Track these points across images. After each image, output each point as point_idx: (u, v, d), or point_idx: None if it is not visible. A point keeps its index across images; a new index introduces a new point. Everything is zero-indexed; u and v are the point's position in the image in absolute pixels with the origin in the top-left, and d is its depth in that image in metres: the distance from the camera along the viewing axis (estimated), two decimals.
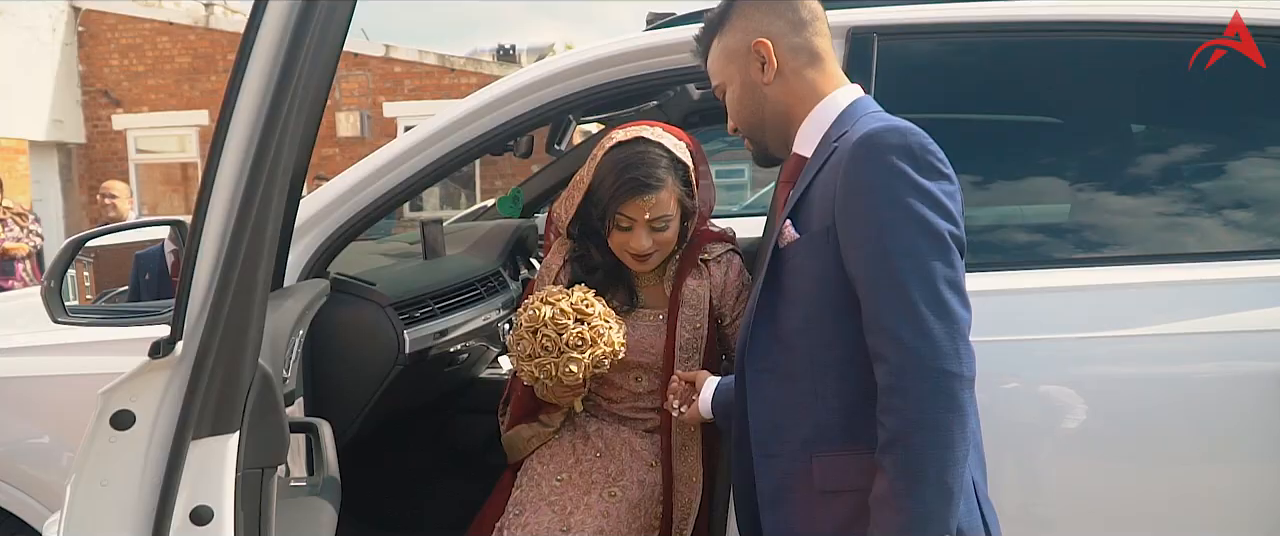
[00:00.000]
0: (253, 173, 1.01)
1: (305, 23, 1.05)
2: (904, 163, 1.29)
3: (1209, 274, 1.80)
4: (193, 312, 1.03)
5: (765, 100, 1.50)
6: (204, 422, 1.03)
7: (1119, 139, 2.00)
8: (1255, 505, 1.74)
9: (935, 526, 1.25)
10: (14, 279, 6.41)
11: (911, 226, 1.28)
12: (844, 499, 1.36)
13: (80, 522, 1.02)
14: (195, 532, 1.05)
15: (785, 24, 1.48)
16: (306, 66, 1.07)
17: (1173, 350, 1.75)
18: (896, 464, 1.26)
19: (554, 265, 2.03)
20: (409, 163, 2.08)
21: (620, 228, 1.89)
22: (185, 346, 1.03)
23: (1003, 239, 1.97)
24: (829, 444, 1.37)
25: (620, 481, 1.95)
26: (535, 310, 1.81)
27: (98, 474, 1.04)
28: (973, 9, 1.97)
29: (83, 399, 1.93)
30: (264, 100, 1.08)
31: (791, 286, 1.41)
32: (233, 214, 1.00)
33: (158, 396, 1.05)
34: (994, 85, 2.01)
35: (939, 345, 1.25)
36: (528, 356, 1.81)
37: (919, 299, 1.26)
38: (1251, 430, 1.72)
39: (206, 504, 1.04)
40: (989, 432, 1.45)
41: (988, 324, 1.43)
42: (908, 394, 1.25)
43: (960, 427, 1.26)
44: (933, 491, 1.25)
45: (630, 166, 1.85)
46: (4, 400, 2.01)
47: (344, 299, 2.10)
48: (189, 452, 1.02)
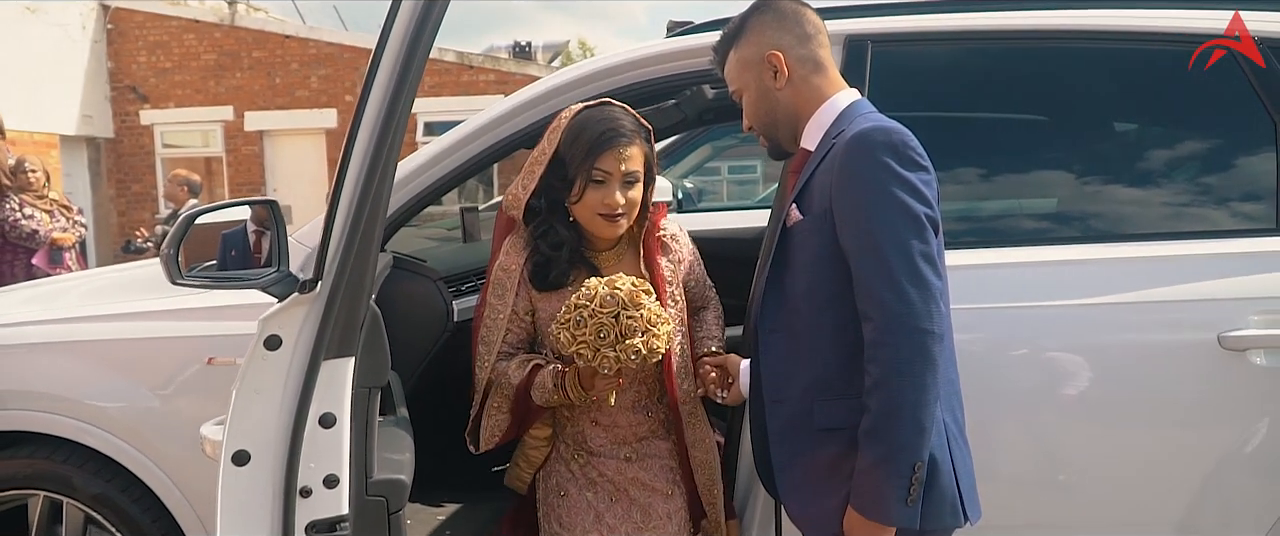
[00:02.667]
0: (375, 152, 1.30)
1: (426, 20, 1.33)
2: (888, 157, 1.55)
3: (1157, 251, 2.07)
4: (329, 260, 1.32)
5: (777, 104, 1.74)
6: (331, 346, 1.33)
7: (1081, 134, 2.28)
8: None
9: (909, 455, 1.52)
10: (61, 267, 6.66)
11: (893, 210, 1.54)
12: (839, 436, 1.62)
13: (241, 422, 1.32)
14: (321, 433, 1.35)
15: (793, 37, 1.73)
16: (422, 58, 1.35)
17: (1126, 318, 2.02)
18: (879, 404, 1.52)
19: (513, 267, 1.97)
20: (455, 154, 2.32)
21: (595, 182, 1.88)
22: (322, 286, 1.33)
23: (984, 221, 2.25)
24: (826, 390, 1.63)
25: (651, 523, 1.98)
26: (609, 292, 1.76)
27: (253, 384, 1.34)
28: (955, 19, 2.24)
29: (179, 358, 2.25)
30: (387, 92, 1.35)
31: (796, 260, 1.66)
32: (360, 185, 1.29)
33: (298, 324, 1.35)
34: (972, 87, 2.28)
35: (915, 307, 1.51)
36: (594, 341, 1.74)
37: (898, 269, 1.52)
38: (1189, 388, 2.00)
39: (331, 411, 1.34)
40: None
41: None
42: (889, 347, 1.51)
43: (932, 375, 1.52)
44: (909, 426, 1.51)
45: (604, 120, 1.90)
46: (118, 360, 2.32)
47: (401, 274, 2.38)
48: (320, 370, 1.32)
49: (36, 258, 6.03)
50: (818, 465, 1.65)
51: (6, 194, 5.70)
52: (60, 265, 6.68)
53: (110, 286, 2.89)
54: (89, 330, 2.39)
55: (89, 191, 13.66)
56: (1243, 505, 2.01)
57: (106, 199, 14.17)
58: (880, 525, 1.54)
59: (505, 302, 1.97)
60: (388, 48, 1.36)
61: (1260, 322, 1.94)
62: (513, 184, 2.00)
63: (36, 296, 3.01)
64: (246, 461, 1.36)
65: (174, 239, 1.75)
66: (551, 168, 1.93)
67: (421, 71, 1.39)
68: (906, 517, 1.53)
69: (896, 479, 1.51)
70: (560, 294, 1.94)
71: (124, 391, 2.31)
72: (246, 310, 2.17)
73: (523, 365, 1.96)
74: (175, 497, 2.30)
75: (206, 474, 2.25)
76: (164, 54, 14.14)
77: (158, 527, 2.35)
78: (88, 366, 2.33)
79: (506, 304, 1.97)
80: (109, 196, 14.26)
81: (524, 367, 1.95)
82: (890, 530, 1.55)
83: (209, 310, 2.26)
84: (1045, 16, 2.21)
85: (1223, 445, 2.00)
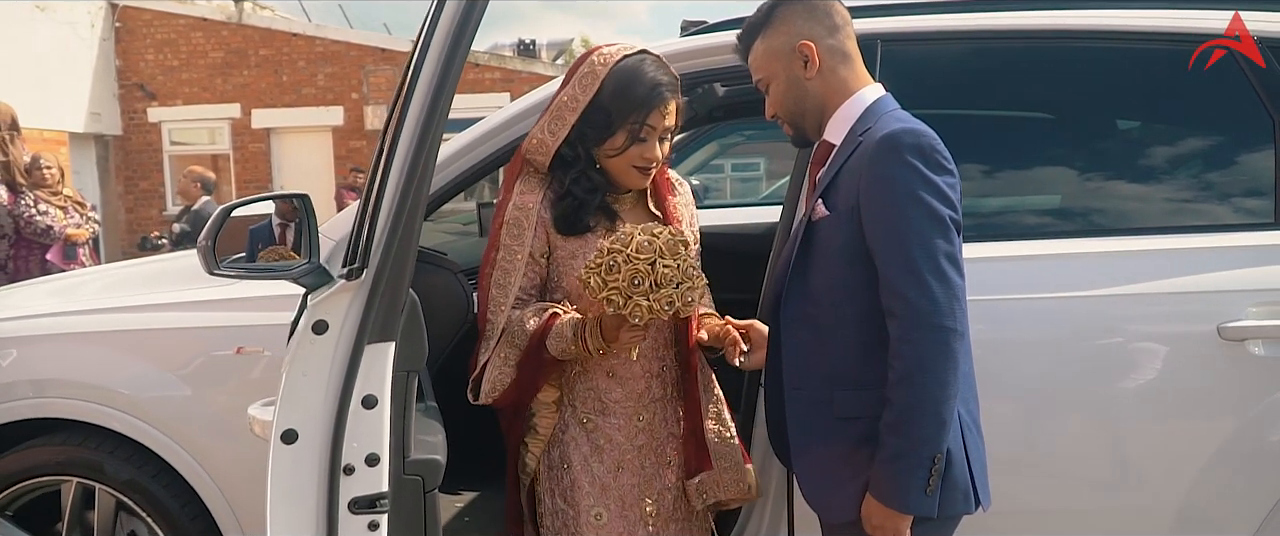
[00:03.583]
0: (418, 147, 1.38)
1: (468, 19, 1.40)
2: (916, 159, 1.60)
3: (1160, 245, 2.13)
4: (373, 249, 1.39)
5: (806, 94, 1.76)
6: (374, 331, 1.41)
7: (1085, 131, 2.34)
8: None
9: (930, 448, 1.58)
10: (76, 262, 6.72)
11: (920, 211, 1.59)
12: (856, 424, 1.68)
13: (290, 403, 1.40)
14: (363, 414, 1.43)
15: (823, 28, 1.74)
16: (463, 56, 1.42)
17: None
18: (903, 399, 1.58)
19: (530, 204, 1.92)
20: (475, 151, 2.37)
21: (640, 139, 1.88)
22: (367, 273, 1.40)
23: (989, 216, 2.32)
24: (846, 380, 1.69)
25: (653, 493, 1.98)
26: (646, 238, 1.72)
27: (301, 366, 1.41)
28: (962, 19, 2.31)
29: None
30: (430, 89, 1.43)
31: (821, 253, 1.71)
32: (404, 177, 1.37)
33: (344, 310, 1.42)
34: (978, 85, 2.35)
35: (939, 305, 1.57)
36: (627, 288, 1.69)
37: (924, 268, 1.57)
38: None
39: (373, 393, 1.42)
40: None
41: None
42: (913, 344, 1.57)
43: (953, 371, 1.58)
44: (930, 419, 1.58)
45: (651, 73, 1.88)
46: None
47: (423, 266, 2.43)
48: (363, 354, 1.40)
49: (51, 253, 6.10)
50: (835, 452, 1.71)
51: (22, 190, 5.77)
52: (74, 261, 6.74)
53: (133, 279, 2.96)
54: (122, 321, 2.47)
55: (97, 188, 13.76)
56: (1243, 487, 2.07)
57: (114, 195, 14.26)
58: (900, 513, 1.61)
59: (522, 243, 1.91)
60: (432, 46, 1.42)
61: (1258, 314, 2.01)
62: (536, 128, 1.93)
63: (61, 289, 3.09)
64: (294, 440, 1.44)
65: (210, 232, 1.82)
66: (586, 115, 1.89)
67: (462, 69, 1.46)
68: (925, 506, 1.60)
69: (918, 470, 1.58)
70: (583, 239, 1.92)
71: (155, 380, 2.38)
72: (272, 301, 2.26)
73: (538, 313, 1.90)
74: (204, 481, 2.38)
75: (234, 459, 2.35)
76: (172, 52, 14.24)
77: (186, 512, 2.42)
78: (121, 356, 2.41)
79: (524, 244, 1.91)
80: (117, 193, 14.35)
81: (540, 315, 1.89)
82: (908, 518, 1.61)
83: (236, 301, 2.34)
84: (1049, 17, 2.28)
85: (1223, 431, 2.06)
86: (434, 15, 1.43)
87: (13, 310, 2.71)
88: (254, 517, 2.37)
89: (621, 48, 1.94)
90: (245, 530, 2.38)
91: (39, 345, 2.48)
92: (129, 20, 14.12)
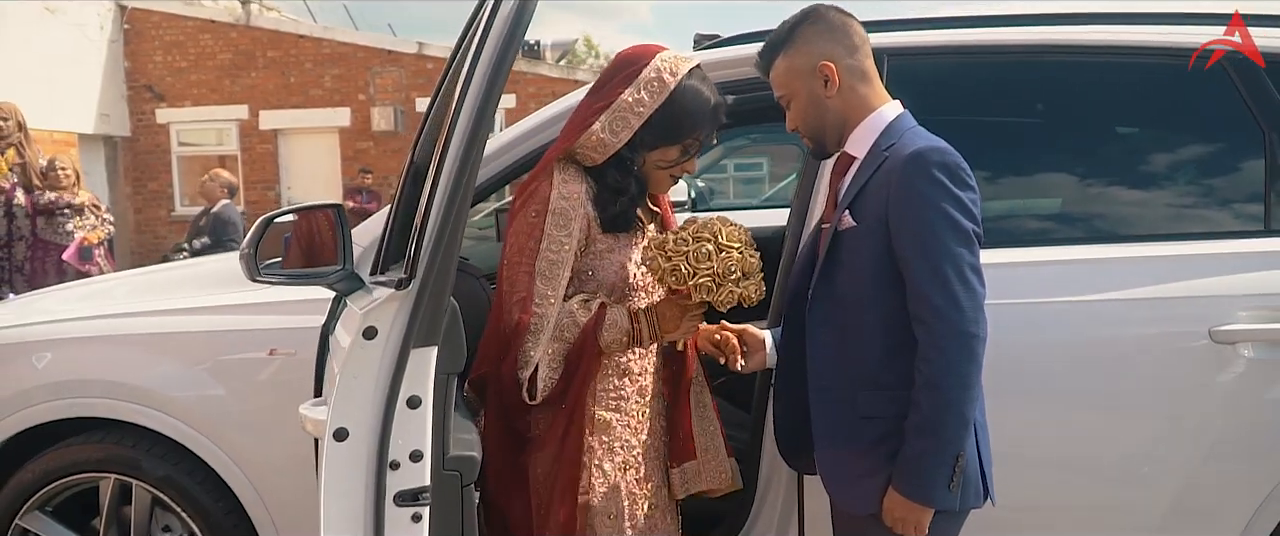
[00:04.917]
0: (463, 162, 1.48)
1: (519, 24, 1.50)
2: (943, 176, 1.69)
3: (1154, 251, 2.23)
4: (421, 260, 1.50)
5: (827, 111, 1.83)
6: (419, 337, 1.52)
7: (1081, 142, 2.44)
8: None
9: (954, 447, 1.69)
10: (91, 264, 6.80)
11: (946, 224, 1.67)
12: (878, 423, 1.77)
13: (343, 404, 1.51)
14: (409, 413, 1.55)
15: (843, 48, 1.81)
16: (507, 70, 1.51)
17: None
18: (930, 401, 1.68)
19: (575, 195, 1.92)
20: (503, 157, 2.47)
21: (690, 153, 2.00)
22: (414, 283, 1.51)
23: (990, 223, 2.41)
24: (869, 382, 1.79)
25: (649, 486, 2.04)
26: (733, 229, 1.84)
27: (352, 370, 1.53)
28: (964, 35, 2.41)
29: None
30: (476, 101, 1.52)
31: (848, 262, 1.80)
32: (448, 193, 1.47)
33: (391, 317, 1.53)
34: (980, 97, 2.45)
35: (965, 313, 1.67)
36: (722, 275, 1.80)
37: (951, 278, 1.67)
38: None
39: (417, 393, 1.53)
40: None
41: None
42: (941, 349, 1.67)
43: (977, 374, 1.69)
44: (956, 422, 1.68)
45: (712, 92, 1.98)
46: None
47: None
48: (409, 358, 1.51)
49: (67, 254, 6.20)
50: (856, 449, 1.81)
51: (40, 192, 5.87)
52: (90, 262, 6.83)
53: (164, 283, 3.05)
54: (159, 324, 2.57)
55: (106, 189, 13.83)
56: (1234, 484, 2.16)
57: (123, 197, 14.35)
58: (925, 507, 1.71)
59: (570, 234, 1.90)
60: (481, 61, 1.51)
61: (1248, 318, 2.10)
62: (598, 127, 1.92)
63: (92, 293, 3.19)
64: (346, 437, 1.55)
65: (252, 240, 1.93)
66: (650, 122, 1.93)
67: (505, 81, 1.56)
68: (949, 501, 1.71)
69: (943, 468, 1.68)
70: (618, 236, 1.97)
71: (191, 380, 2.49)
72: (304, 305, 2.36)
73: (585, 305, 1.93)
74: (237, 477, 2.48)
75: (266, 456, 2.45)
76: (180, 53, 14.34)
77: (220, 507, 2.53)
78: (160, 357, 2.52)
79: (572, 236, 1.90)
80: (126, 194, 14.45)
81: (588, 307, 1.93)
82: (930, 511, 1.71)
83: (270, 305, 2.44)
84: (1047, 32, 2.38)
85: (1214, 431, 2.15)
86: (482, 33, 1.52)
87: (50, 314, 2.82)
88: (286, 511, 2.48)
89: (680, 57, 1.99)
90: (277, 523, 2.49)
91: (80, 347, 2.59)
92: (137, 22, 14.22)
